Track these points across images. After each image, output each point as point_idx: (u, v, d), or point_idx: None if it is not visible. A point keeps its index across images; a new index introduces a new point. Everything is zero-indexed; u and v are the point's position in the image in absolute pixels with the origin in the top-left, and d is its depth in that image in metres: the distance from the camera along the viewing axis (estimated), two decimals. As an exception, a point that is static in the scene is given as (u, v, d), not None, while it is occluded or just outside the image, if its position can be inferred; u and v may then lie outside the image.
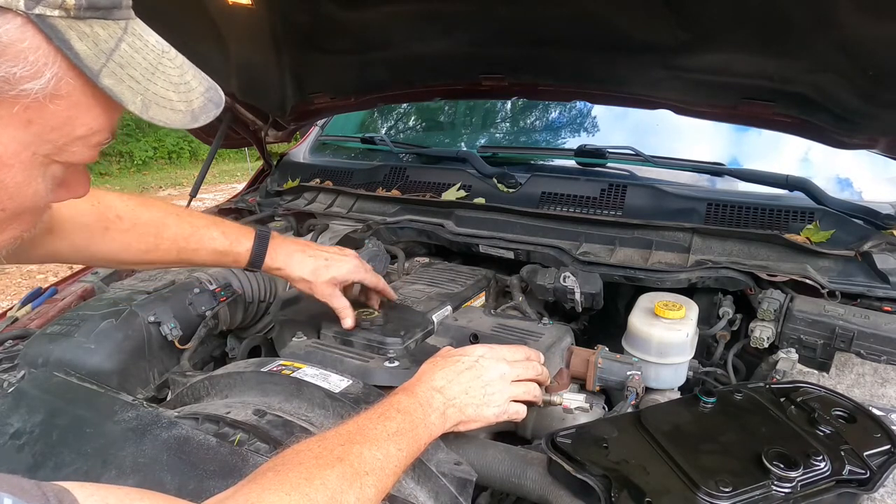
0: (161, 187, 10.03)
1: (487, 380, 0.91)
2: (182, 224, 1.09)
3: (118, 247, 1.04)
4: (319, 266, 1.15)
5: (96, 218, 1.01)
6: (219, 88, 0.62)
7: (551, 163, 2.01)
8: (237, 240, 1.12)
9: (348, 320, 1.15)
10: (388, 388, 0.94)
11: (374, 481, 0.70)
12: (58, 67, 0.50)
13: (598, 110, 2.17)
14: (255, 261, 1.13)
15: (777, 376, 1.17)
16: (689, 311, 1.21)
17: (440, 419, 0.84)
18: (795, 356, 1.19)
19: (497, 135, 2.41)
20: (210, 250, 1.11)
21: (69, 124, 0.54)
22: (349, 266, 1.18)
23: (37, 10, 0.48)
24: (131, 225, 1.04)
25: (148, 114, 0.55)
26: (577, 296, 1.37)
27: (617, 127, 2.12)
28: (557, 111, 2.28)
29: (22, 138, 0.53)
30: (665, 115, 1.59)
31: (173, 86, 0.58)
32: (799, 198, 1.55)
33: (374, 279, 1.22)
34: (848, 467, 0.78)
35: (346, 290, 1.21)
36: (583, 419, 1.07)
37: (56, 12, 0.49)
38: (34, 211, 0.60)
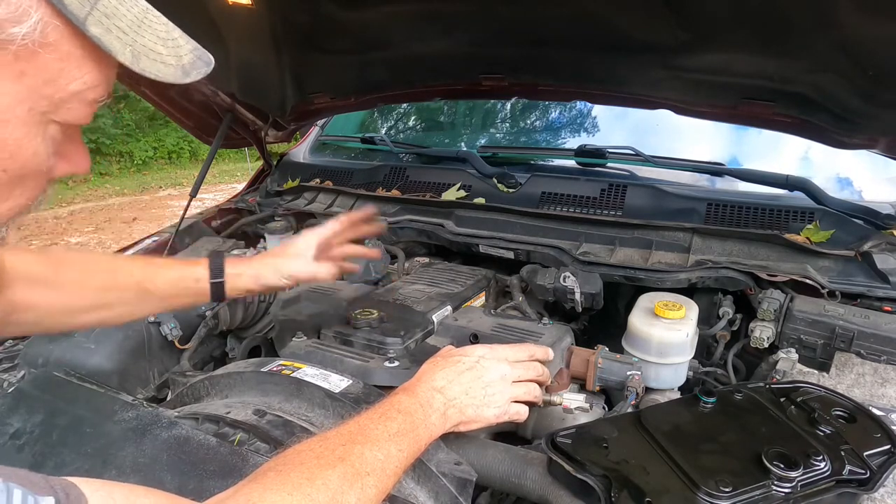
0: (161, 187, 10.02)
1: (488, 380, 0.91)
2: (133, 258, 1.05)
3: (72, 289, 0.96)
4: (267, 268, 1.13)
5: (44, 266, 0.95)
6: (207, 52, 0.62)
7: (551, 163, 2.01)
8: (189, 260, 1.11)
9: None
10: (389, 388, 0.94)
11: (375, 481, 0.70)
12: (42, 12, 0.50)
13: (598, 110, 2.17)
14: (216, 270, 1.07)
15: (777, 376, 1.17)
16: (689, 311, 1.21)
17: (441, 419, 0.85)
18: (795, 356, 1.20)
19: (497, 135, 2.41)
20: (169, 275, 1.06)
21: (62, 77, 0.54)
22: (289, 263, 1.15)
23: None
24: (83, 262, 1.00)
25: (139, 65, 0.55)
26: (577, 296, 1.37)
27: (617, 127, 2.12)
28: (557, 111, 2.28)
29: (17, 92, 0.53)
30: (665, 115, 1.59)
31: (161, 40, 0.57)
32: (799, 198, 1.55)
33: (308, 272, 1.16)
34: (848, 467, 0.78)
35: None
36: (583, 419, 1.07)
37: None
38: (37, 176, 0.59)
